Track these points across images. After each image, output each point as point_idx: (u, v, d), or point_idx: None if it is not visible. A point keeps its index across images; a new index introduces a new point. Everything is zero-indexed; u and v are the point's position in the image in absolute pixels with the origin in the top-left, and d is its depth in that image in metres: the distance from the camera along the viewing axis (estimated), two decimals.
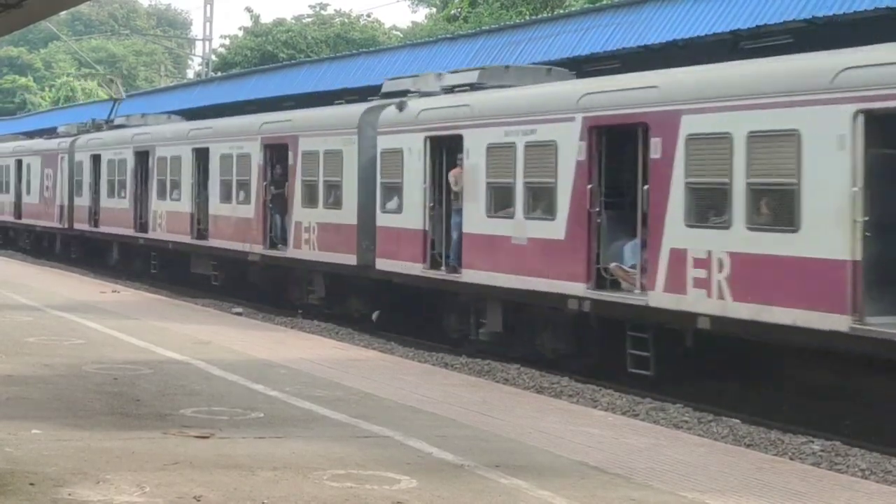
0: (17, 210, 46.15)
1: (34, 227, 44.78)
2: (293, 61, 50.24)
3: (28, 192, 44.81)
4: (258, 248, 27.25)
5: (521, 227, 19.00)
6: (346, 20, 71.94)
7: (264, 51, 64.02)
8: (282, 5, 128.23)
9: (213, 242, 29.69)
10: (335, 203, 24.30)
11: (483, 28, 36.18)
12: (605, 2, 33.71)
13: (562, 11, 36.26)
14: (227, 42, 71.22)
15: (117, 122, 40.03)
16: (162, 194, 33.06)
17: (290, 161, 25.97)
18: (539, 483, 9.24)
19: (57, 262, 40.01)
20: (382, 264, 22.60)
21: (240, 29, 71.17)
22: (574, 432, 11.77)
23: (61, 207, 40.65)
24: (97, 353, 15.87)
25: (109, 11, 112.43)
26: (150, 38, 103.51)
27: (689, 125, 15.90)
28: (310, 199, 25.24)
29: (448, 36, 36.74)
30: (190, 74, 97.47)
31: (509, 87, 21.02)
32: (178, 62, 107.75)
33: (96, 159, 38.04)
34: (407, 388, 14.15)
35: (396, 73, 33.43)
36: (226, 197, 29.03)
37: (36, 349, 16.10)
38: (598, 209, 17.62)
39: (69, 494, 8.30)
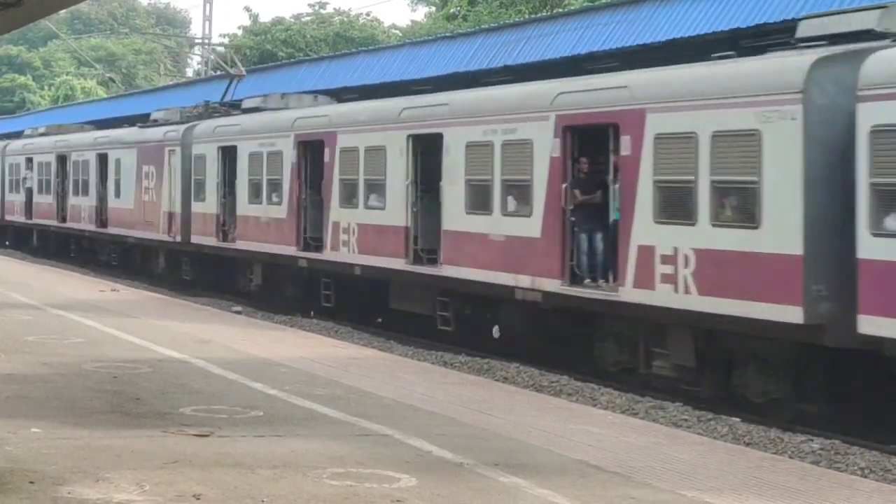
0: (101, 217, 37.43)
1: (126, 239, 35.79)
2: (292, 60, 50.26)
3: (118, 194, 36.03)
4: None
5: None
6: (345, 19, 71.96)
7: (263, 50, 64.03)
8: (281, 4, 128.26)
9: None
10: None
11: (482, 27, 36.17)
12: (604, 0, 33.73)
13: (561, 10, 36.26)
14: (226, 41, 71.24)
15: (246, 104, 31.35)
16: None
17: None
18: (539, 481, 9.25)
19: (166, 287, 31.43)
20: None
21: (239, 28, 71.13)
22: (574, 431, 11.77)
23: (170, 215, 31.96)
24: (96, 352, 15.87)
25: (109, 10, 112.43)
26: (150, 37, 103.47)
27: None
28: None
29: (447, 35, 36.72)
30: (189, 73, 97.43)
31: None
32: (178, 61, 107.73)
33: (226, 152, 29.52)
34: (406, 387, 14.16)
35: (396, 71, 33.48)
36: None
37: (35, 348, 16.10)
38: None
39: (69, 493, 8.30)
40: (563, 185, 17.85)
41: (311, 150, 25.42)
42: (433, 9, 65.08)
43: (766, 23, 21.61)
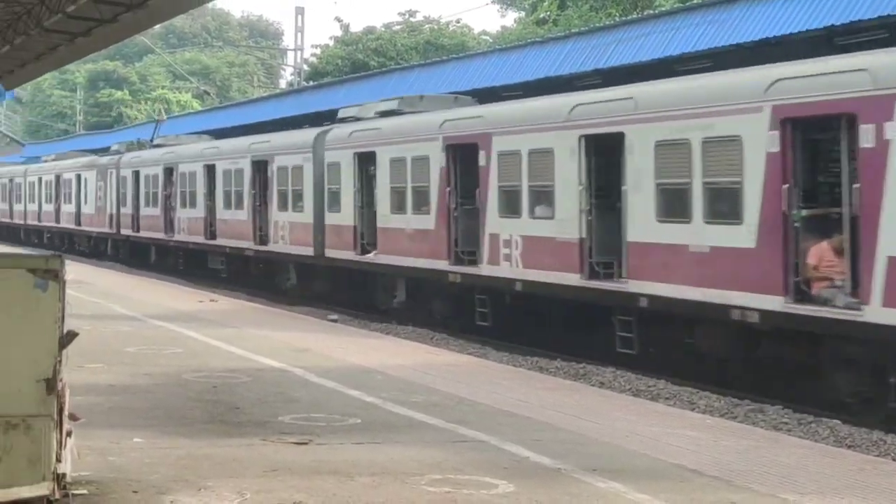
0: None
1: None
2: (383, 69, 50.55)
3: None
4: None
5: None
6: (435, 26, 72.23)
7: (355, 59, 64.49)
8: (371, 13, 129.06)
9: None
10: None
11: (572, 31, 36.08)
12: (695, 1, 33.46)
13: (651, 12, 36.05)
14: (318, 51, 71.92)
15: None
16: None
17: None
18: (637, 486, 9.20)
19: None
20: None
21: (330, 38, 71.75)
22: (671, 435, 11.69)
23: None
24: (196, 362, 16.08)
25: (202, 24, 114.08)
26: (243, 50, 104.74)
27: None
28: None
29: (537, 39, 36.68)
30: (282, 84, 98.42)
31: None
32: (271, 73, 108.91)
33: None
34: (502, 393, 14.15)
35: (486, 78, 33.53)
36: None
37: (136, 358, 16.37)
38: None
39: (171, 502, 8.42)
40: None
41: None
42: (523, 14, 65.07)
43: (860, 20, 21.29)
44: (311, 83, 59.00)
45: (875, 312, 14.38)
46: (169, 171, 41.55)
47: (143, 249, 45.28)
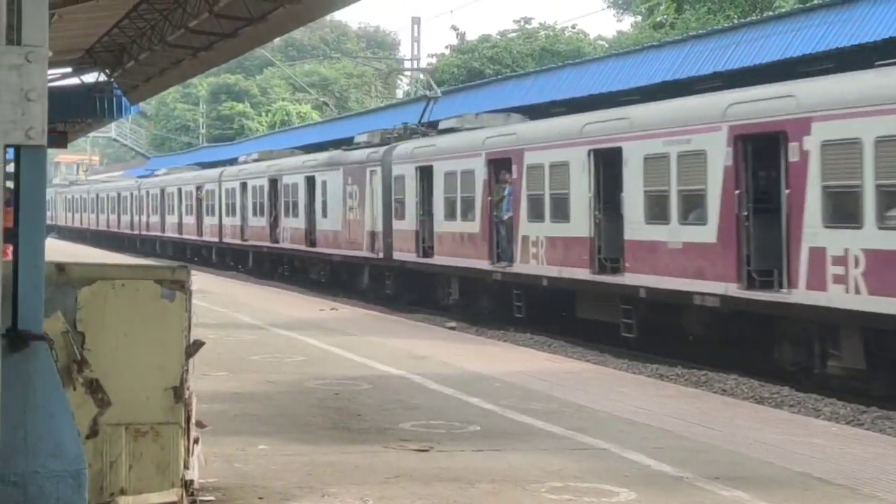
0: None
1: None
2: (499, 77, 50.61)
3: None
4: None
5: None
6: (550, 33, 72.08)
7: (471, 67, 64.67)
8: (487, 21, 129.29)
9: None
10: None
11: (690, 34, 35.74)
12: (816, 1, 32.90)
13: (771, 13, 35.56)
14: (434, 61, 72.22)
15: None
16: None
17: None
18: (761, 495, 9.09)
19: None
20: None
21: (446, 47, 72.01)
22: (796, 443, 11.52)
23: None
24: (318, 370, 16.27)
25: (320, 36, 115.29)
26: (360, 61, 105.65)
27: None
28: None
29: (654, 44, 36.41)
30: (399, 94, 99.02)
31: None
32: (388, 83, 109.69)
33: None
34: (622, 400, 14.08)
35: (603, 83, 33.40)
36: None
37: (260, 366, 16.62)
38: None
39: None
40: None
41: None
42: (639, 18, 64.64)
43: None
44: (429, 92, 59.23)
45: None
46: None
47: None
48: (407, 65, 74.34)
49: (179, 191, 57.94)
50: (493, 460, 10.30)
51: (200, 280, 33.03)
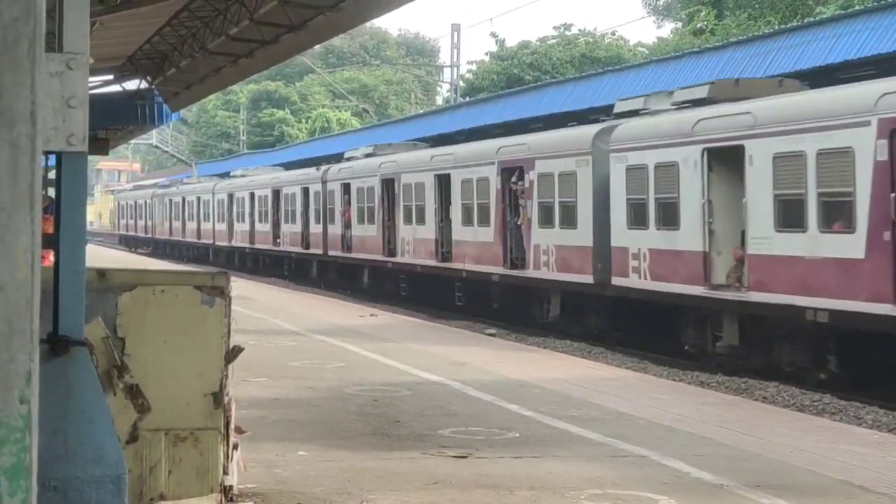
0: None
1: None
2: (539, 83, 50.58)
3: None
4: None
5: None
6: (590, 39, 71.89)
7: (510, 74, 64.61)
8: (526, 28, 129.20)
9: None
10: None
11: (730, 40, 35.60)
12: (858, 6, 32.70)
13: (812, 19, 35.36)
14: (473, 67, 72.23)
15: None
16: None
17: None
18: (801, 503, 9.02)
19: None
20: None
21: (486, 54, 71.92)
22: (837, 451, 11.43)
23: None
24: (357, 376, 16.30)
25: (360, 43, 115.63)
26: (400, 67, 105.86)
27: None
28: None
29: (694, 50, 36.30)
30: (439, 101, 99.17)
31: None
32: (428, 89, 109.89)
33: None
34: (661, 407, 14.02)
35: (643, 89, 33.30)
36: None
37: (300, 372, 16.67)
38: None
39: None
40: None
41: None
42: (679, 25, 64.41)
43: None
44: (468, 99, 59.38)
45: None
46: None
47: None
48: (447, 72, 74.42)
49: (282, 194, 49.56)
50: (532, 467, 10.28)
51: (242, 286, 33.19)
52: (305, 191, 45.34)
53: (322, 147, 65.86)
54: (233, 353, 7.60)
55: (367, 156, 39.99)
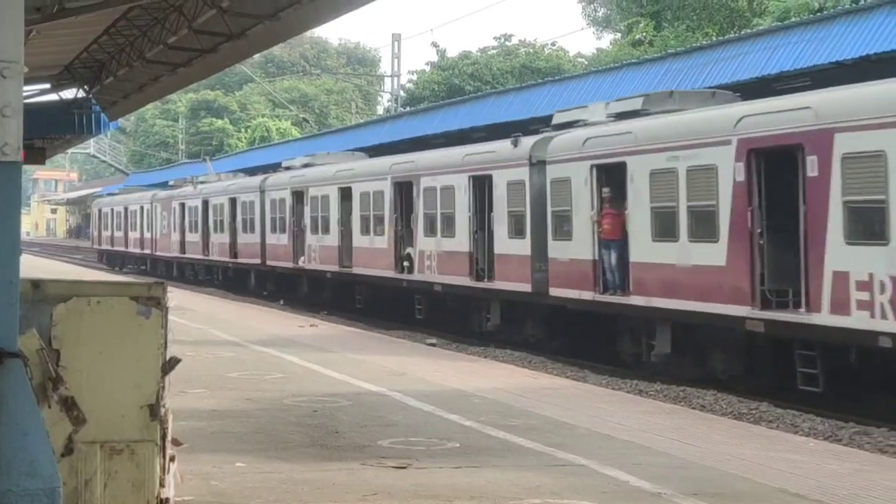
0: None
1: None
2: (479, 93, 50.72)
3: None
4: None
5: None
6: (530, 50, 72.27)
7: (451, 84, 64.80)
8: (467, 38, 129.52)
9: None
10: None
11: (669, 52, 35.89)
12: (794, 19, 33.08)
13: (749, 31, 35.73)
14: (414, 77, 72.32)
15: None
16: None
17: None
18: None
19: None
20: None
21: (427, 64, 72.03)
22: (774, 458, 11.53)
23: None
24: (297, 387, 16.23)
25: (301, 52, 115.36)
26: (341, 77, 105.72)
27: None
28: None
29: (633, 61, 36.56)
30: (379, 111, 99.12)
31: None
32: (368, 99, 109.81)
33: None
34: (601, 416, 14.09)
35: (583, 100, 33.49)
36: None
37: (238, 384, 16.56)
38: None
39: None
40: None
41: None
42: (618, 36, 64.87)
43: None
44: (408, 109, 59.43)
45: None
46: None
47: None
48: (387, 81, 74.45)
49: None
50: (471, 477, 10.29)
51: (181, 297, 32.94)
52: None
53: (262, 156, 65.58)
54: (170, 365, 7.53)
55: (305, 166, 41.33)
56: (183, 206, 52.86)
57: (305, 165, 40.89)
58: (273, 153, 62.71)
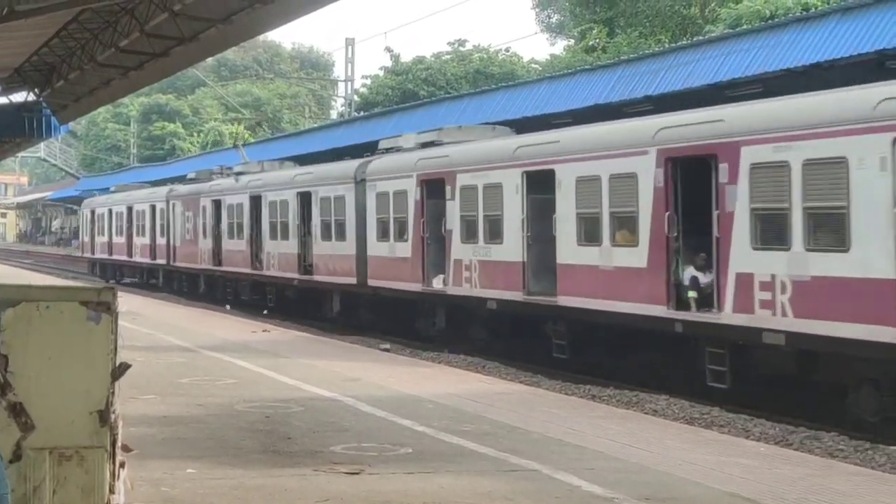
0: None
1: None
2: (433, 98, 50.73)
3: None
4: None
5: None
6: (484, 55, 72.35)
7: (405, 89, 64.75)
8: (421, 43, 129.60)
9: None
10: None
11: (622, 58, 36.04)
12: (745, 26, 33.31)
13: (702, 38, 35.94)
14: (368, 82, 72.22)
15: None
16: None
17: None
18: None
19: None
20: None
21: (381, 68, 71.93)
22: (725, 463, 11.60)
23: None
24: (249, 392, 16.14)
25: (254, 56, 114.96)
26: (294, 81, 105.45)
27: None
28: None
29: (586, 67, 36.68)
30: (333, 115, 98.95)
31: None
32: (322, 103, 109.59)
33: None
34: (554, 421, 14.11)
35: (536, 106, 33.60)
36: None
37: (189, 389, 16.46)
38: None
39: None
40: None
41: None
42: (572, 42, 65.10)
43: None
44: (362, 114, 59.33)
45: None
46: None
47: None
48: (341, 86, 74.31)
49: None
50: (424, 482, 10.27)
51: (132, 302, 32.72)
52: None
53: (214, 161, 65.27)
54: (120, 370, 7.47)
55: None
56: (218, 204, 41.39)
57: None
58: (226, 157, 62.34)
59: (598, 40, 52.83)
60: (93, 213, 59.61)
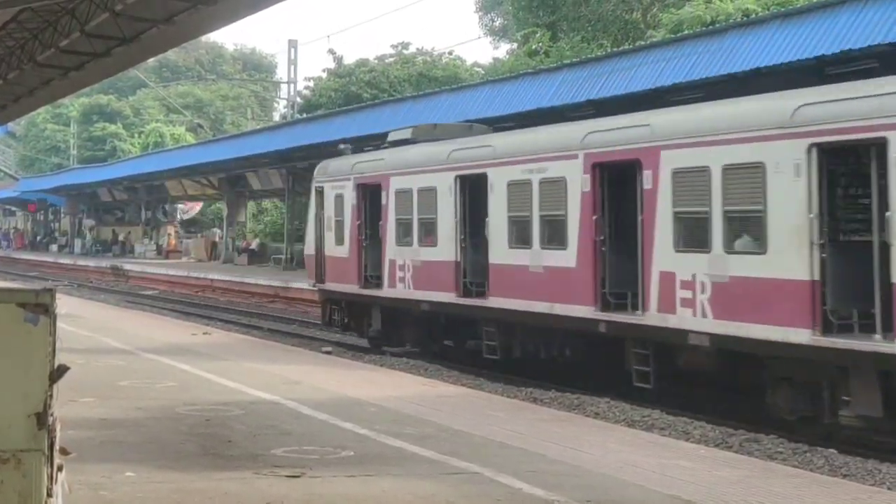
0: None
1: None
2: (376, 101, 50.66)
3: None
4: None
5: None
6: (428, 58, 72.39)
7: (348, 91, 64.60)
8: (365, 46, 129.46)
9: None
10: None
11: (564, 62, 36.19)
12: (687, 32, 33.56)
13: (643, 43, 36.17)
14: (311, 84, 72.01)
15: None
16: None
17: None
18: None
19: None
20: None
21: (323, 71, 71.70)
22: (666, 465, 11.66)
23: None
24: (189, 395, 16.03)
25: (196, 57, 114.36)
26: (236, 83, 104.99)
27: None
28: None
29: (529, 71, 36.79)
30: (276, 117, 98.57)
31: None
32: (264, 105, 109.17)
33: None
34: (496, 424, 14.12)
35: (479, 109, 33.64)
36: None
37: (129, 392, 16.31)
38: None
39: None
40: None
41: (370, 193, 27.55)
42: (515, 46, 65.27)
43: (850, 49, 21.37)
44: (304, 115, 59.14)
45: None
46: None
47: None
48: (284, 88, 74.03)
49: None
50: (366, 486, 10.24)
51: (72, 305, 32.41)
52: None
53: (156, 163, 64.84)
54: (58, 373, 7.37)
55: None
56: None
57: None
58: (167, 159, 61.98)
59: (540, 44, 52.99)
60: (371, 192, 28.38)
